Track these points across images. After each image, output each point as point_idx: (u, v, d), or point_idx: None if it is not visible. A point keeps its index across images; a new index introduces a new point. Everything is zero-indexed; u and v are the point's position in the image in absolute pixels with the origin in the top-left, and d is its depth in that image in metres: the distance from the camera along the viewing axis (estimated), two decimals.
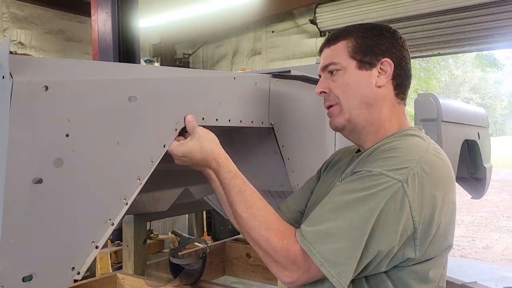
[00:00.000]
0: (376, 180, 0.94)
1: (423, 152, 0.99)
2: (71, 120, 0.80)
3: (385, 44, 1.13)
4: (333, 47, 1.16)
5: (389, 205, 0.91)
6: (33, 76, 0.74)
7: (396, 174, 0.93)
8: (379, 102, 1.12)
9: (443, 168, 1.01)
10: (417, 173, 0.94)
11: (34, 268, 0.76)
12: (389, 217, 0.91)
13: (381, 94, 1.12)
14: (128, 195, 0.92)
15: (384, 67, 1.12)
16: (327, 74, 1.16)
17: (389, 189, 0.92)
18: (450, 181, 1.02)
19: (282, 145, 1.37)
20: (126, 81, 0.90)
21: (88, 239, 0.84)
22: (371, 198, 0.92)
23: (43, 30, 6.21)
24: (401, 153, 0.98)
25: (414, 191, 0.93)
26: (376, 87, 1.11)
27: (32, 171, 0.74)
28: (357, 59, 1.12)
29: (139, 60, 4.29)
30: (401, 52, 1.15)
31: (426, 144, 1.04)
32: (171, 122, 1.01)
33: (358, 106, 1.12)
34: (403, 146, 1.01)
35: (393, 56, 1.13)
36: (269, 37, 7.15)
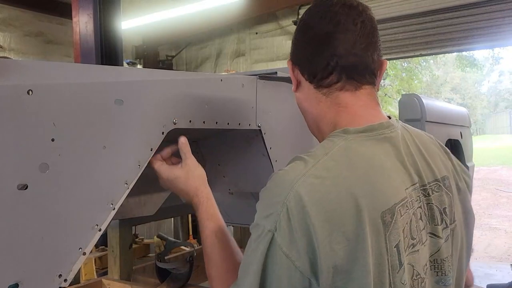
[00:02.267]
0: (255, 232, 0.80)
1: (290, 185, 0.76)
2: (56, 124, 0.78)
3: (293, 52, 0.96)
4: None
5: (269, 261, 0.76)
6: (16, 80, 0.72)
7: (267, 222, 0.77)
8: (303, 110, 0.98)
9: (324, 196, 0.75)
10: (284, 215, 0.75)
11: (20, 276, 0.74)
12: (275, 273, 0.76)
13: (298, 99, 0.98)
14: (115, 200, 0.90)
15: (297, 77, 0.96)
16: None
17: (264, 240, 0.76)
18: (341, 210, 0.75)
19: (269, 147, 1.36)
20: (112, 84, 0.89)
21: (75, 245, 0.82)
22: (253, 255, 0.78)
23: (22, 32, 6.10)
24: (269, 192, 0.81)
25: (284, 238, 0.74)
26: (295, 95, 0.99)
27: (17, 176, 0.72)
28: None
29: (122, 63, 4.24)
30: (306, 42, 0.92)
31: (302, 168, 0.79)
32: (158, 125, 1.00)
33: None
34: (273, 180, 0.81)
35: (296, 55, 0.95)
36: (253, 39, 7.16)
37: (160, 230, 4.84)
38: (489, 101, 36.29)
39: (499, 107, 36.27)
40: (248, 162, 1.55)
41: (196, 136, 1.59)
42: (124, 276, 2.19)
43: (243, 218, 1.88)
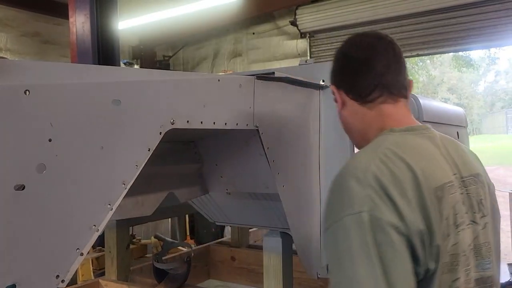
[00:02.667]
0: (341, 227, 0.85)
1: (365, 170, 0.89)
2: (53, 124, 0.78)
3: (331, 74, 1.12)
4: None
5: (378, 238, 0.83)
6: (13, 80, 0.72)
7: (358, 206, 0.85)
8: (349, 124, 1.11)
9: (391, 173, 0.89)
10: (371, 194, 0.86)
11: (17, 277, 0.73)
12: (385, 247, 0.82)
13: (344, 116, 1.11)
14: (113, 200, 0.90)
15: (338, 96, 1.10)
16: None
17: (363, 224, 0.83)
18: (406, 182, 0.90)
19: (267, 147, 1.36)
20: (110, 84, 0.89)
21: (73, 246, 0.82)
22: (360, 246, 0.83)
23: (18, 32, 6.08)
24: (347, 188, 0.89)
25: (382, 211, 0.84)
26: (341, 113, 1.12)
27: (14, 177, 0.72)
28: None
29: (119, 63, 4.23)
30: (343, 66, 1.11)
31: (367, 156, 0.94)
32: (155, 126, 0.99)
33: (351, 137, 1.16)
34: (341, 177, 0.92)
35: (335, 76, 1.11)
36: (250, 39, 7.16)
37: (157, 230, 4.83)
38: (485, 101, 36.39)
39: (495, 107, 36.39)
40: (246, 162, 1.55)
41: (193, 136, 1.59)
42: (122, 277, 2.18)
43: (241, 218, 1.88)
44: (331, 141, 1.64)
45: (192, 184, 1.63)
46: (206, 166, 1.64)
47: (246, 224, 2.14)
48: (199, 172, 1.65)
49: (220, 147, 1.58)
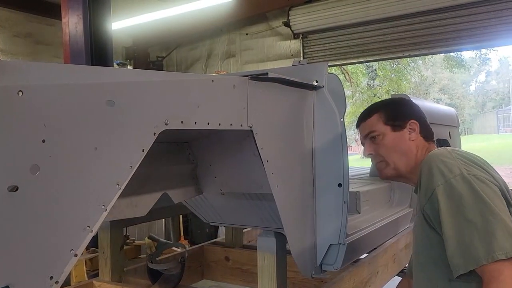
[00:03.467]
0: (452, 187, 1.24)
1: (451, 154, 1.33)
2: (47, 125, 0.78)
3: (407, 110, 1.56)
4: (369, 120, 1.56)
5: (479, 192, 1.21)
6: (7, 81, 0.72)
7: (454, 172, 1.26)
8: (413, 150, 1.49)
9: (473, 157, 1.35)
10: (462, 162, 1.29)
11: (11, 279, 0.73)
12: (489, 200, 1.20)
13: (413, 144, 1.50)
14: (107, 201, 0.90)
15: (412, 126, 1.51)
16: (369, 140, 1.55)
17: (468, 182, 1.23)
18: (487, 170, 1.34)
19: (261, 147, 1.37)
20: (104, 85, 0.89)
21: (67, 247, 0.82)
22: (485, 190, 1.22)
23: (11, 33, 6.04)
24: (439, 163, 1.30)
25: (474, 169, 1.26)
26: (410, 141, 1.50)
27: (8, 178, 0.72)
28: (390, 124, 1.52)
29: (112, 63, 4.22)
30: (419, 112, 1.57)
31: (445, 149, 1.39)
32: (149, 127, 0.99)
33: (398, 158, 1.50)
34: (433, 159, 1.33)
35: (415, 116, 1.54)
36: (243, 40, 7.16)
37: (151, 231, 4.82)
38: (476, 101, 36.66)
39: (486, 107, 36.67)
40: (240, 162, 1.55)
41: (187, 137, 1.59)
42: (115, 278, 2.18)
43: (235, 219, 1.88)
44: (324, 141, 1.65)
45: (186, 185, 1.63)
46: (200, 166, 1.64)
47: (240, 225, 2.14)
48: (193, 173, 1.65)
49: (214, 148, 1.58)
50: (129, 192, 1.40)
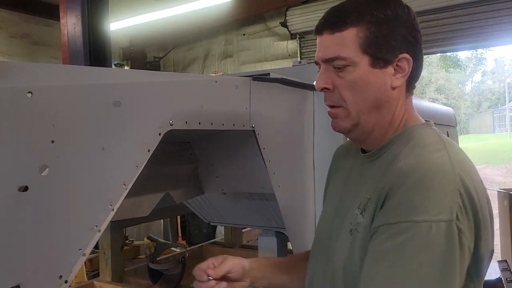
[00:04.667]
0: (428, 231, 0.79)
1: (453, 171, 0.84)
2: (55, 126, 0.78)
3: (402, 33, 0.94)
4: (339, 35, 0.95)
5: (455, 254, 0.80)
6: (16, 81, 0.73)
7: (444, 215, 0.80)
8: (392, 103, 0.97)
9: (472, 170, 0.90)
10: (459, 201, 0.82)
11: (21, 278, 0.74)
12: (457, 267, 0.80)
13: (395, 95, 0.96)
14: (114, 201, 0.91)
15: (402, 64, 0.95)
16: (330, 67, 0.97)
17: (448, 234, 0.79)
18: (478, 178, 0.92)
19: (263, 147, 1.38)
20: (111, 86, 0.90)
21: (75, 246, 0.83)
22: (445, 257, 0.79)
23: (7, 34, 6.02)
24: (435, 186, 0.82)
25: (464, 222, 0.81)
26: (390, 88, 0.95)
27: (18, 178, 0.73)
28: (370, 54, 0.93)
29: (111, 64, 4.21)
30: (417, 39, 0.96)
31: (445, 153, 0.88)
32: (155, 127, 1.00)
33: (368, 110, 0.96)
34: (429, 176, 0.83)
35: (411, 48, 0.95)
36: (240, 40, 7.17)
37: (150, 231, 4.82)
38: (472, 101, 36.81)
39: (482, 107, 36.83)
40: (241, 162, 1.56)
41: (189, 137, 1.60)
42: (116, 278, 2.18)
43: (236, 218, 1.90)
44: (325, 141, 1.66)
45: (188, 185, 1.64)
46: (201, 166, 1.65)
47: (241, 224, 2.15)
48: (194, 173, 1.66)
49: (216, 148, 1.59)
50: (132, 192, 1.40)
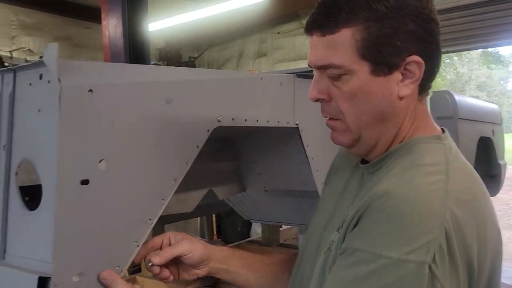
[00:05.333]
0: (394, 270, 0.66)
1: (442, 201, 0.69)
2: (113, 122, 0.81)
3: (411, 28, 0.76)
4: (330, 38, 0.78)
5: None
6: (78, 80, 0.76)
7: (417, 255, 0.66)
8: (399, 115, 0.82)
9: (479, 205, 0.75)
10: (442, 241, 0.67)
11: (83, 268, 0.77)
12: None
13: (403, 106, 0.81)
14: (166, 196, 0.93)
15: (411, 67, 0.78)
16: (324, 75, 0.83)
17: (416, 278, 0.65)
18: (486, 215, 0.75)
19: (306, 144, 1.38)
20: (163, 84, 0.92)
21: (132, 238, 0.86)
22: None
23: (51, 36, 6.26)
24: (413, 217, 0.68)
25: (444, 268, 0.66)
26: (397, 98, 0.80)
27: (80, 172, 0.76)
28: (370, 60, 0.77)
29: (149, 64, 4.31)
30: (431, 32, 0.78)
31: (442, 178, 0.73)
32: (204, 123, 1.02)
33: (370, 124, 0.82)
34: (409, 204, 0.69)
35: (422, 46, 0.77)
36: (275, 39, 7.17)
37: (186, 229, 4.90)
38: None
39: None
40: (284, 159, 1.56)
41: (232, 135, 1.62)
42: None
43: (277, 216, 1.90)
44: None
45: (230, 182, 1.66)
46: (243, 164, 1.66)
47: (282, 222, 2.15)
48: (236, 170, 1.68)
49: (258, 145, 1.60)
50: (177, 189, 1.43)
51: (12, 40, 6.00)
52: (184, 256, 0.97)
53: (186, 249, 0.97)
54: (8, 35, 5.95)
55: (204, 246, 1.00)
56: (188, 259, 0.97)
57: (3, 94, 0.84)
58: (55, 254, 0.72)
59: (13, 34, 6.01)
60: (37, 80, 0.78)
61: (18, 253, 0.80)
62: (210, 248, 1.02)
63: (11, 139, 0.82)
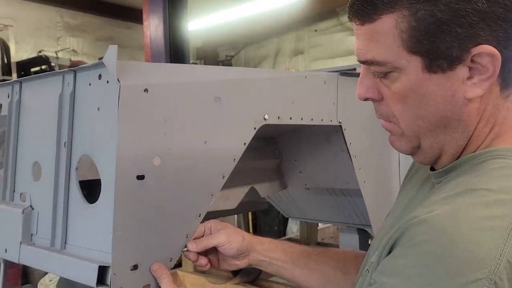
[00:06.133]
0: None
1: (496, 247, 0.52)
2: (167, 120, 0.84)
3: (479, 8, 0.58)
4: (371, 28, 0.66)
5: None
6: (135, 80, 0.79)
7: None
8: (469, 121, 0.66)
9: None
10: (499, 281, 0.52)
11: (139, 259, 0.81)
12: None
13: (473, 110, 0.65)
14: (214, 191, 0.96)
15: (481, 61, 0.61)
16: (370, 72, 0.72)
17: None
18: None
19: (349, 142, 1.38)
20: (212, 83, 0.95)
21: (183, 232, 0.89)
22: None
23: (94, 37, 6.49)
24: (450, 261, 0.53)
25: None
26: (464, 100, 0.64)
27: (136, 168, 0.79)
28: (422, 53, 0.63)
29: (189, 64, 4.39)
30: (509, 14, 0.59)
31: (507, 212, 0.55)
32: (250, 121, 1.04)
33: (430, 131, 0.68)
34: (446, 245, 0.54)
35: (499, 31, 0.60)
36: (312, 36, 7.14)
37: None
38: None
39: None
40: (326, 157, 1.57)
41: (274, 132, 1.63)
42: (198, 269, 2.27)
43: (317, 214, 1.91)
44: None
45: (272, 180, 1.67)
46: (285, 162, 1.68)
47: (323, 220, 2.15)
48: (278, 168, 1.70)
49: (300, 143, 1.61)
50: None
51: (57, 41, 6.25)
52: (221, 247, 0.95)
53: (223, 240, 0.94)
54: (54, 36, 6.20)
55: (243, 238, 0.97)
56: (225, 249, 0.96)
57: (64, 94, 0.89)
58: (114, 245, 0.75)
59: (59, 35, 6.27)
60: (96, 80, 0.82)
61: (78, 244, 0.85)
62: (249, 240, 0.98)
63: (71, 136, 0.87)
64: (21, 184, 1.01)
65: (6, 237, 1.00)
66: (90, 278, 0.76)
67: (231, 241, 0.95)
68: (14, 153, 1.02)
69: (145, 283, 0.83)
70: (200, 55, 7.96)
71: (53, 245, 0.89)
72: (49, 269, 0.95)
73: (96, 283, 0.76)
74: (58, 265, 0.86)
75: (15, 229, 0.96)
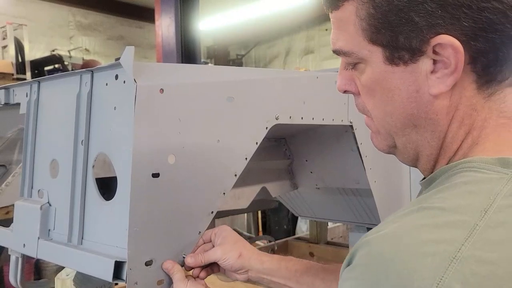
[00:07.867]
0: None
1: (435, 275, 0.44)
2: (181, 119, 0.86)
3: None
4: (336, 15, 0.64)
5: None
6: (151, 80, 0.82)
7: None
8: (438, 120, 0.60)
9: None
10: None
11: (153, 254, 0.83)
12: None
13: (441, 108, 0.59)
14: (227, 189, 0.98)
15: (444, 52, 0.55)
16: (343, 62, 0.68)
17: None
18: None
19: (360, 142, 1.39)
20: (225, 83, 0.97)
21: (196, 229, 0.91)
22: None
23: (105, 36, 6.55)
24: (399, 279, 0.46)
25: None
26: (430, 96, 0.58)
27: (151, 166, 0.81)
28: (382, 44, 0.59)
29: (200, 62, 4.42)
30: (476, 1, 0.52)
31: (459, 235, 0.46)
32: (262, 121, 1.06)
33: (400, 130, 0.63)
34: (384, 266, 0.47)
35: (459, 22, 0.53)
36: (322, 36, 7.14)
37: (233, 225, 4.99)
38: None
39: None
40: (336, 157, 1.58)
41: (285, 133, 1.65)
42: None
43: (328, 213, 1.92)
44: None
45: (283, 180, 1.69)
46: (296, 162, 1.69)
47: (333, 219, 2.16)
48: (289, 168, 1.71)
49: (311, 143, 1.62)
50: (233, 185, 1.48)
51: (70, 40, 6.32)
52: (218, 261, 0.96)
53: (218, 257, 0.94)
54: (67, 35, 6.27)
55: (240, 255, 0.94)
56: (221, 264, 0.96)
57: (82, 93, 0.91)
58: (129, 241, 0.78)
59: (71, 34, 6.34)
60: (113, 80, 0.84)
61: (94, 239, 0.87)
62: (247, 258, 0.95)
63: (88, 134, 0.89)
64: (39, 181, 1.04)
65: (24, 233, 1.03)
66: (107, 273, 0.79)
67: (226, 258, 0.95)
68: (32, 150, 1.05)
69: (159, 278, 0.85)
70: (211, 54, 8.00)
71: (70, 241, 0.92)
72: (66, 264, 0.98)
73: (112, 278, 0.78)
74: (75, 260, 0.89)
75: (33, 225, 0.98)
